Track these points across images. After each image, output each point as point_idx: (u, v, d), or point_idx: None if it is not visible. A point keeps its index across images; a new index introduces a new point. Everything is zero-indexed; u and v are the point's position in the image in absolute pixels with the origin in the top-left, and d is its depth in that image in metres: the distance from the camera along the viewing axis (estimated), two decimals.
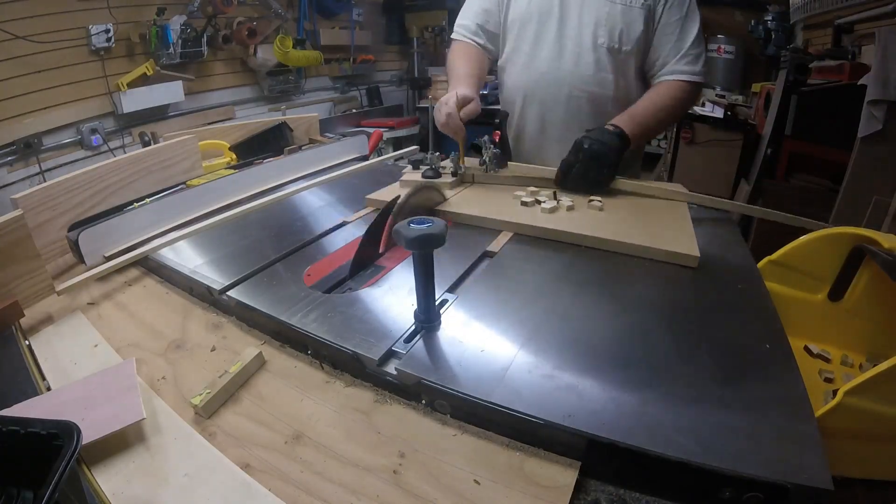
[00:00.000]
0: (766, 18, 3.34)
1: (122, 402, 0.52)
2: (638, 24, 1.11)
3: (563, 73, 1.18)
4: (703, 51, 1.13)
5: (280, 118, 1.58)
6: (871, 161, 1.82)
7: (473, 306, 0.65)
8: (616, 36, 1.12)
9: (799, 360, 0.54)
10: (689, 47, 1.12)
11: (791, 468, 0.40)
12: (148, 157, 1.10)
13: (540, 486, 0.44)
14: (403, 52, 4.46)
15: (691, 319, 0.64)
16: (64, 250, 0.91)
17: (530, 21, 1.20)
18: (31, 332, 0.71)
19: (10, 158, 2.17)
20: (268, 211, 1.05)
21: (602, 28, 1.12)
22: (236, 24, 2.93)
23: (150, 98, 2.60)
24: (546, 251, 0.81)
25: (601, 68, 1.15)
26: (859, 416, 0.64)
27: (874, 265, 0.81)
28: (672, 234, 0.81)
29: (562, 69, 1.18)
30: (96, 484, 0.45)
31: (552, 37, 1.17)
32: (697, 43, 1.12)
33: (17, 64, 2.09)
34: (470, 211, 0.91)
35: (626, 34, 1.12)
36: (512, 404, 0.47)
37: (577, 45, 1.15)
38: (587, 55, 1.15)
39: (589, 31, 1.14)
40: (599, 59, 1.15)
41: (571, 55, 1.16)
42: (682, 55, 1.12)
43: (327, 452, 0.49)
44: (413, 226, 0.52)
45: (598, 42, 1.13)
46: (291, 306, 0.65)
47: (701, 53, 1.13)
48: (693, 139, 2.90)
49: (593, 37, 1.13)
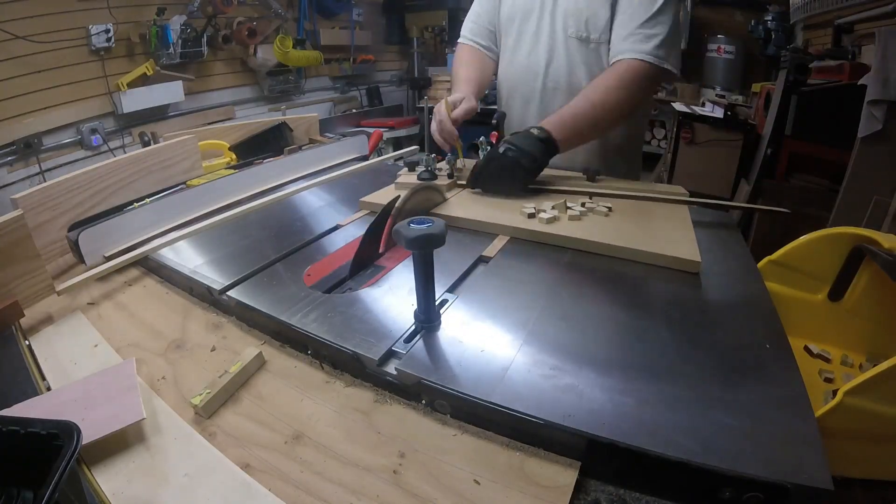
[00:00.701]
0: (766, 18, 3.34)
1: (122, 402, 0.52)
2: (604, 12, 1.08)
3: (538, 67, 1.19)
4: (661, 32, 1.01)
5: (280, 118, 1.58)
6: (871, 161, 1.82)
7: (473, 306, 0.65)
8: (583, 25, 1.11)
9: (799, 360, 0.54)
10: (641, 26, 1.02)
11: (791, 468, 0.40)
12: (148, 157, 1.10)
13: (540, 486, 0.44)
14: (403, 52, 4.46)
15: (691, 319, 0.64)
16: (64, 250, 0.91)
17: (515, 18, 1.22)
18: (31, 332, 0.71)
19: (10, 158, 2.18)
20: (268, 211, 1.05)
21: (571, 18, 1.12)
22: (236, 24, 2.94)
23: (150, 98, 2.60)
24: (545, 254, 0.81)
25: (572, 60, 1.15)
26: (859, 416, 0.64)
27: (874, 265, 0.81)
28: (673, 239, 0.80)
29: (537, 63, 1.19)
30: (96, 484, 0.45)
31: (531, 32, 1.19)
32: (654, 24, 1.01)
33: (17, 64, 2.10)
34: (466, 214, 0.90)
35: (594, 22, 1.10)
36: (512, 404, 0.47)
37: (551, 38, 1.16)
38: (559, 47, 1.16)
39: (560, 23, 1.14)
40: (570, 50, 1.15)
41: (546, 48, 1.17)
42: (630, 33, 1.03)
43: (327, 452, 0.49)
44: (413, 226, 0.52)
45: (567, 33, 1.14)
46: (291, 306, 0.65)
47: (657, 35, 1.00)
48: (693, 139, 2.90)
49: (563, 28, 1.14)
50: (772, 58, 3.33)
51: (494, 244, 0.83)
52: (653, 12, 1.01)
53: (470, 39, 1.31)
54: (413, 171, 1.09)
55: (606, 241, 0.79)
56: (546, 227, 0.84)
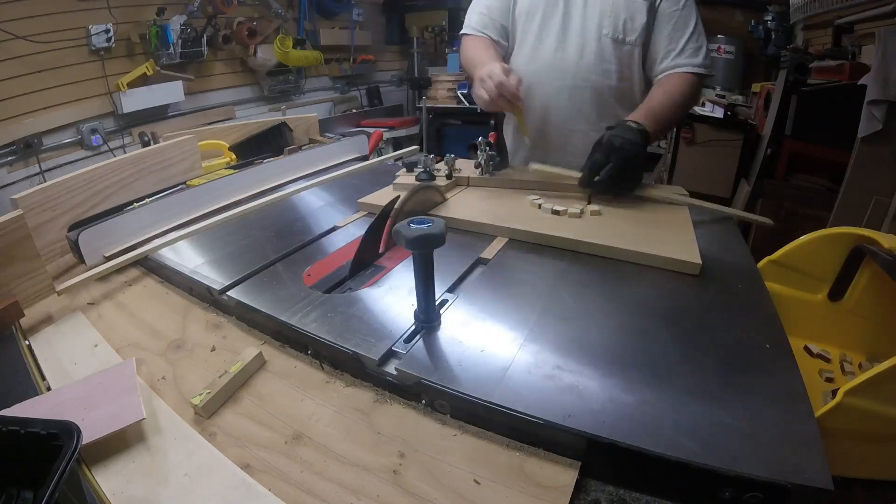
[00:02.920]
0: (766, 18, 3.34)
1: (122, 402, 0.52)
2: (641, 15, 1.10)
3: (566, 64, 1.17)
4: (703, 44, 1.11)
5: (280, 118, 1.58)
6: (871, 161, 1.82)
7: (473, 306, 0.65)
8: (620, 26, 1.12)
9: (799, 360, 0.54)
10: (689, 39, 1.10)
11: (791, 468, 0.40)
12: (148, 157, 1.10)
13: (540, 486, 0.44)
14: (403, 52, 4.46)
15: (691, 319, 0.64)
16: (64, 250, 0.91)
17: (536, 13, 1.20)
18: (31, 332, 0.71)
19: (10, 158, 2.17)
20: (268, 211, 1.05)
21: (607, 18, 1.12)
22: (236, 24, 2.93)
23: (150, 98, 2.60)
24: (544, 255, 0.81)
25: (604, 59, 1.15)
26: (859, 416, 0.64)
27: (874, 265, 0.81)
28: (673, 240, 0.80)
29: (565, 60, 1.17)
30: (96, 484, 0.45)
31: (557, 28, 1.18)
32: (697, 36, 1.11)
33: (17, 64, 2.10)
34: (465, 215, 0.90)
35: (630, 24, 1.11)
36: (512, 404, 0.47)
37: (581, 36, 1.15)
38: (591, 45, 1.15)
39: (594, 22, 1.14)
40: (603, 49, 1.14)
41: (575, 46, 1.16)
42: (682, 48, 1.10)
43: (327, 452, 0.49)
44: (413, 226, 0.52)
45: (602, 32, 1.13)
46: (291, 306, 0.65)
47: (702, 46, 1.11)
48: (693, 139, 2.89)
49: (598, 27, 1.13)
50: (772, 58, 3.32)
51: (493, 245, 0.83)
52: (693, 24, 1.10)
53: (480, 31, 1.26)
54: (411, 171, 1.09)
55: (606, 242, 0.79)
56: (546, 229, 0.84)
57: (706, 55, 1.11)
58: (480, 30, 1.27)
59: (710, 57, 1.13)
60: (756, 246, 1.40)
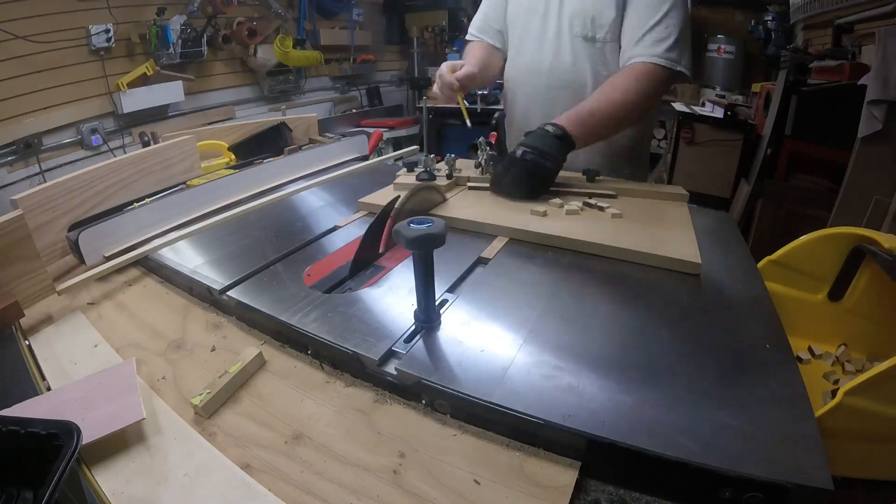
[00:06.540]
0: (766, 18, 3.34)
1: (122, 402, 0.52)
2: (609, 11, 1.08)
3: (542, 66, 1.19)
4: (672, 34, 1.01)
5: (279, 118, 1.58)
6: (871, 161, 1.82)
7: (473, 306, 0.65)
8: (589, 24, 1.11)
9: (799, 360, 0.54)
10: (653, 27, 1.02)
11: (791, 468, 0.40)
12: (148, 157, 1.10)
13: (540, 486, 0.44)
14: (403, 52, 4.46)
15: (691, 319, 0.64)
16: (65, 251, 0.91)
17: (520, 17, 1.23)
18: (31, 332, 0.71)
19: (10, 158, 2.18)
20: (268, 211, 1.05)
21: (577, 18, 1.13)
22: (236, 24, 2.94)
23: (150, 98, 2.60)
24: (545, 255, 0.81)
25: (577, 59, 1.15)
26: (859, 416, 0.64)
27: (874, 265, 0.81)
28: (673, 240, 0.80)
29: (542, 61, 1.19)
30: (96, 484, 0.45)
31: (536, 31, 1.19)
32: (665, 26, 1.02)
33: (17, 64, 2.10)
34: (465, 215, 0.90)
35: (599, 21, 1.10)
36: (512, 404, 0.47)
37: (557, 37, 1.16)
38: (565, 46, 1.16)
39: (566, 22, 1.14)
40: (575, 49, 1.15)
41: (551, 47, 1.17)
42: (642, 36, 1.03)
43: (327, 452, 0.49)
44: (413, 226, 0.52)
45: (573, 32, 1.14)
46: (291, 306, 0.65)
47: (669, 36, 1.01)
48: (693, 139, 2.90)
49: (570, 28, 1.14)
50: (772, 58, 3.32)
51: (494, 245, 0.83)
52: (662, 14, 1.02)
53: (477, 36, 1.33)
54: (412, 171, 1.09)
55: (606, 242, 0.79)
56: (546, 228, 0.84)
57: (673, 46, 1.01)
58: (478, 35, 1.33)
59: (683, 50, 1.03)
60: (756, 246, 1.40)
